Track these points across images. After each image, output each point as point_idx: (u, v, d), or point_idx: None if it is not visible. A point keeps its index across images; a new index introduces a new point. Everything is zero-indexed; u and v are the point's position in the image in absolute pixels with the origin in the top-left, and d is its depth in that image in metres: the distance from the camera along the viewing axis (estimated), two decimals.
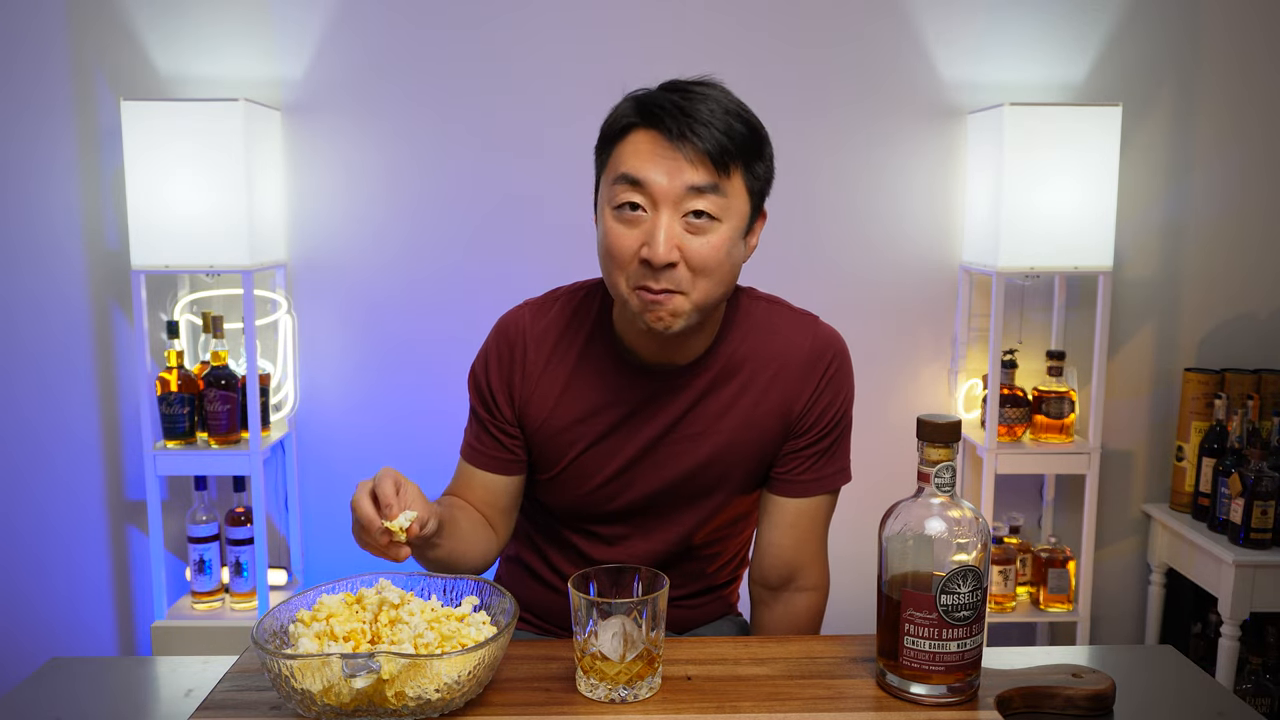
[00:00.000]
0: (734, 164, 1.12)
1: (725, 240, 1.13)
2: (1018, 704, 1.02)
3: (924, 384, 2.47)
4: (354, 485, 1.06)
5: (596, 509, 1.29)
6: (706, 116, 1.10)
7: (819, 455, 1.27)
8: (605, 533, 1.31)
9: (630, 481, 1.26)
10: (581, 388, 1.25)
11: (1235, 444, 2.24)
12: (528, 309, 1.30)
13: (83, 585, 2.43)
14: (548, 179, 2.35)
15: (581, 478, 1.27)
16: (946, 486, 0.99)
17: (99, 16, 2.26)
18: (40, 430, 2.38)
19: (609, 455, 1.25)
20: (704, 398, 1.24)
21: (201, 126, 2.07)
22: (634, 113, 1.13)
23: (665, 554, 1.31)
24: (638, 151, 1.11)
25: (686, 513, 1.29)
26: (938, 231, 2.42)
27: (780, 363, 1.25)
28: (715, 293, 1.15)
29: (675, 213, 1.10)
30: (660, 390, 1.24)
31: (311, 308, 2.38)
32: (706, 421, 1.24)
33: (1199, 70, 2.39)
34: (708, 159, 1.10)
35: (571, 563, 1.32)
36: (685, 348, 1.23)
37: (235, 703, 0.99)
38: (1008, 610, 2.36)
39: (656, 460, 1.25)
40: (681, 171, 1.10)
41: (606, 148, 1.16)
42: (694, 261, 1.11)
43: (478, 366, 1.30)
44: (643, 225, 1.11)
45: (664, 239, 1.09)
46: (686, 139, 1.09)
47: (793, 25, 2.34)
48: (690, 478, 1.26)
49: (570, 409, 1.25)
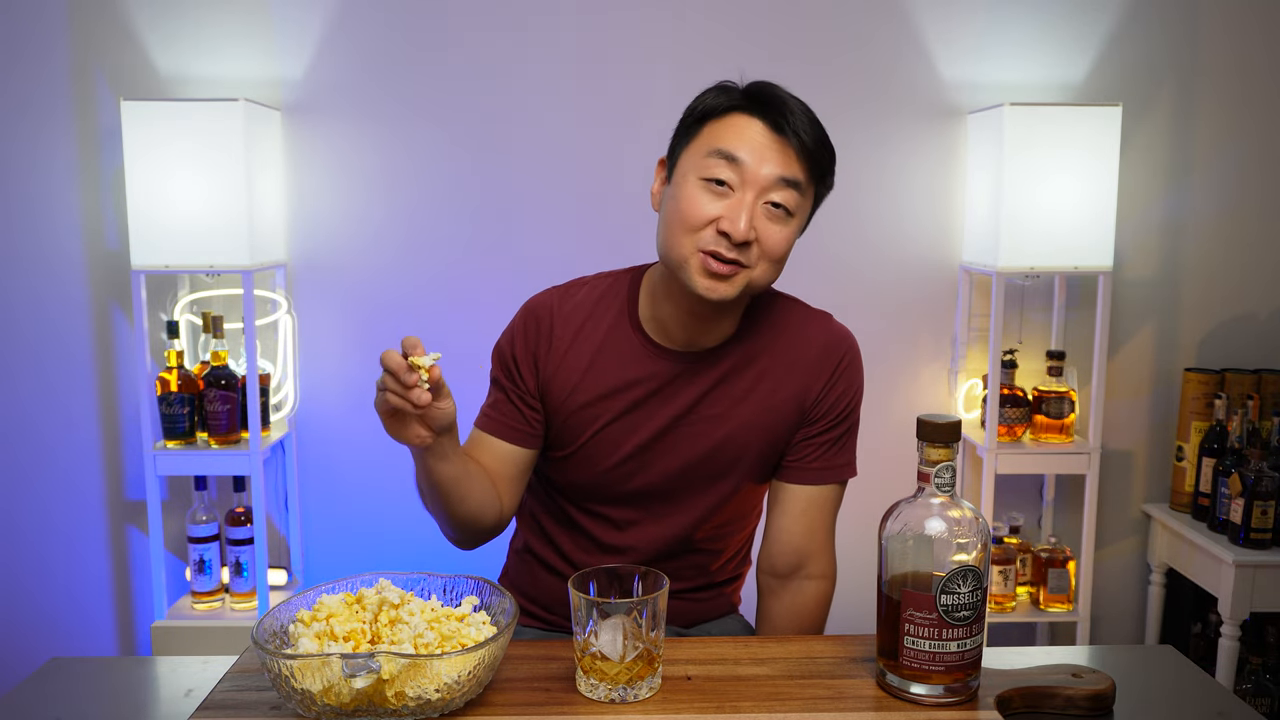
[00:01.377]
0: (818, 170, 1.21)
1: (793, 234, 1.22)
2: (1018, 704, 1.02)
3: (924, 384, 2.47)
4: (354, 485, 1.07)
5: (611, 489, 1.31)
6: (807, 120, 1.19)
7: (830, 444, 1.31)
8: (617, 516, 1.33)
9: (647, 461, 1.29)
10: (606, 365, 1.29)
11: (1235, 444, 2.24)
12: (555, 291, 1.34)
13: (83, 585, 2.43)
14: (548, 178, 2.35)
15: (600, 455, 1.30)
16: (946, 486, 1.00)
17: (99, 17, 2.26)
18: (40, 430, 2.38)
19: (628, 433, 1.28)
20: (723, 382, 1.29)
21: (201, 126, 2.07)
22: (740, 98, 1.20)
23: (672, 543, 1.33)
24: (740, 133, 1.18)
25: (698, 498, 1.32)
26: (938, 231, 2.42)
27: (797, 353, 1.30)
28: (769, 278, 1.22)
29: (760, 197, 1.18)
30: (682, 372, 1.28)
31: (311, 308, 2.38)
32: (724, 405, 1.28)
33: (1199, 70, 2.39)
34: (805, 158, 1.19)
35: (581, 549, 1.35)
36: (710, 332, 1.28)
37: (235, 703, 0.99)
38: (1008, 610, 2.36)
39: (673, 441, 1.29)
40: (779, 162, 1.18)
41: (700, 124, 1.22)
42: (766, 246, 1.19)
43: (503, 340, 1.34)
44: (726, 200, 1.18)
45: (747, 217, 1.16)
46: (793, 134, 1.17)
47: (793, 25, 2.34)
48: (705, 461, 1.29)
49: (593, 385, 1.28)
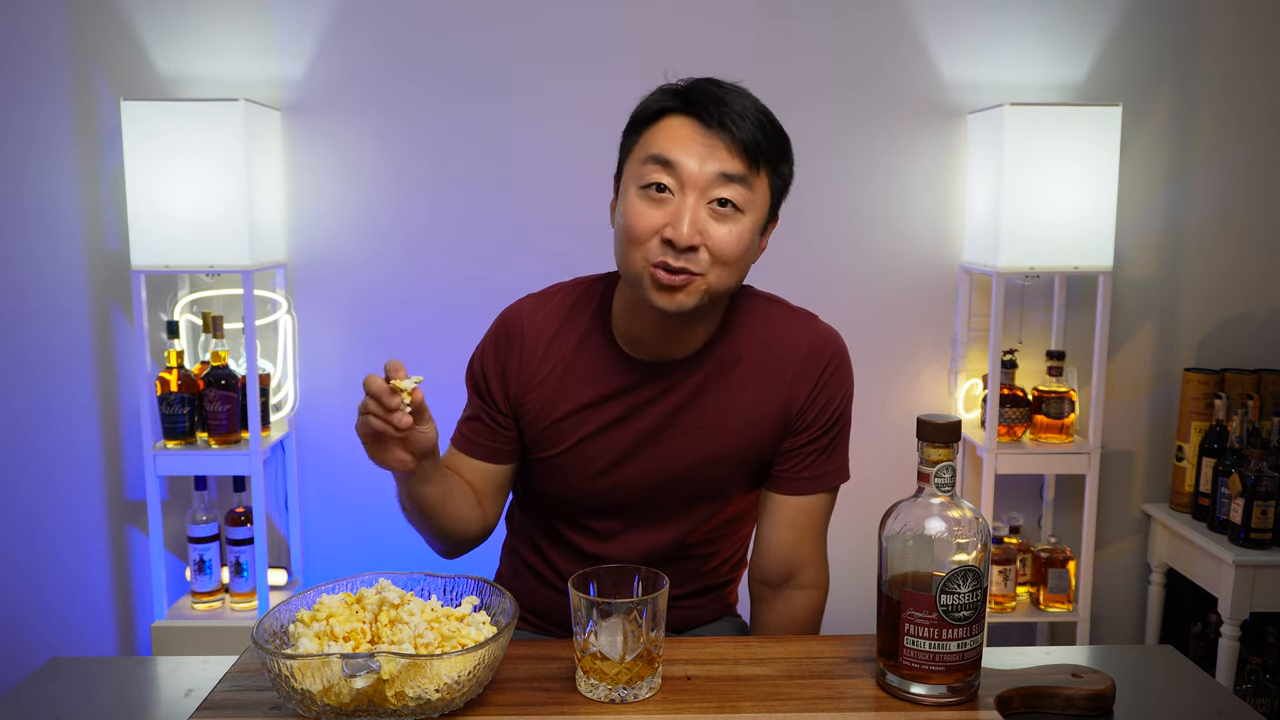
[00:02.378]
0: (763, 160, 1.16)
1: (746, 232, 1.15)
2: (1018, 704, 1.02)
3: (924, 384, 2.47)
4: (354, 485, 1.07)
5: (592, 501, 1.29)
6: (741, 110, 1.14)
7: (819, 453, 1.28)
8: (601, 528, 1.31)
9: (627, 475, 1.26)
10: (579, 378, 1.26)
11: (1235, 444, 2.24)
12: (528, 301, 1.32)
13: (83, 585, 2.43)
14: (547, 178, 2.35)
15: (577, 467, 1.27)
16: (946, 486, 0.99)
17: (99, 16, 2.26)
18: (41, 430, 2.38)
19: (604, 447, 1.26)
20: (701, 393, 1.25)
21: (201, 126, 2.07)
22: (671, 98, 1.16)
23: (661, 552, 1.31)
24: (672, 135, 1.14)
25: (683, 510, 1.29)
26: (938, 231, 2.42)
27: (778, 360, 1.26)
28: (728, 281, 1.17)
29: (702, 198, 1.13)
30: (657, 384, 1.24)
31: (311, 308, 2.38)
32: (704, 417, 1.25)
33: (1199, 70, 2.39)
34: (741, 150, 1.13)
35: (570, 561, 1.32)
36: (683, 341, 1.24)
37: (235, 703, 0.99)
38: (1008, 610, 2.36)
39: (653, 454, 1.25)
40: (714, 158, 1.13)
41: (637, 131, 1.19)
42: (714, 248, 1.14)
43: (475, 358, 1.33)
44: (667, 206, 1.13)
45: (689, 221, 1.12)
46: (724, 127, 1.13)
47: (792, 25, 2.34)
48: (686, 474, 1.26)
49: (567, 398, 1.26)
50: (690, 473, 1.26)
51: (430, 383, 2.46)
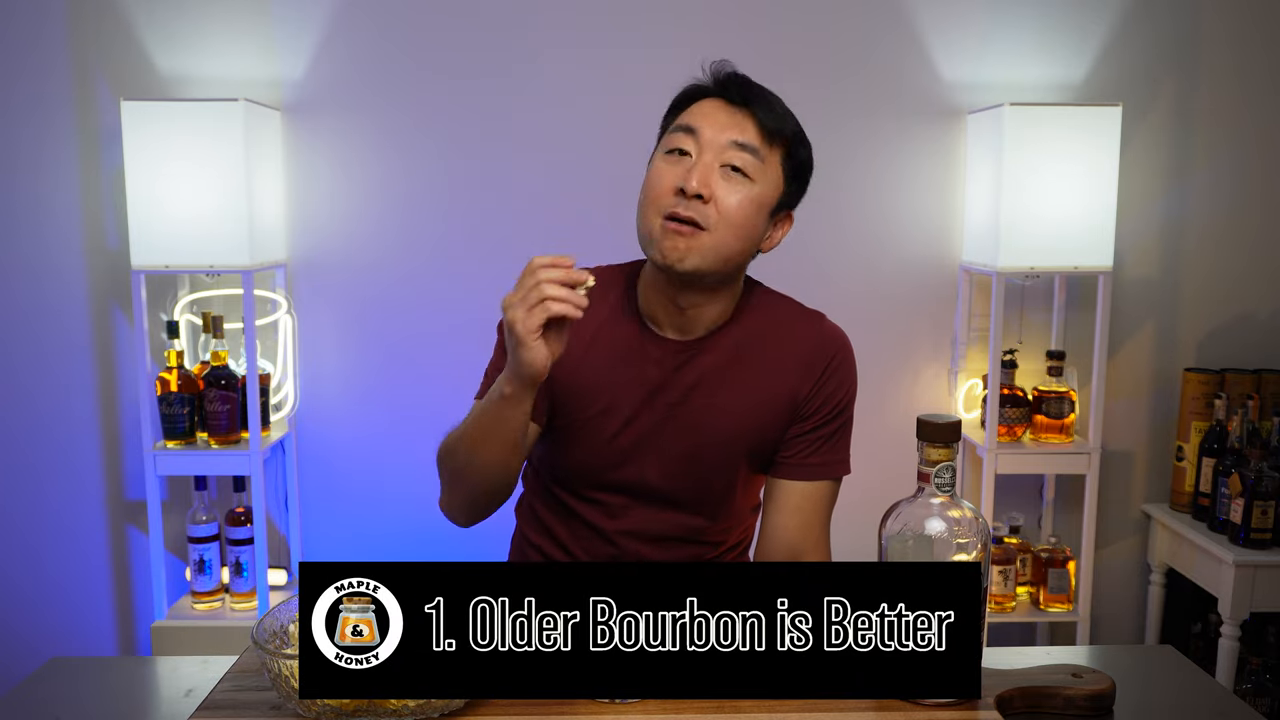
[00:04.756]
0: (777, 141, 1.25)
1: (752, 200, 1.23)
2: (1018, 704, 1.02)
3: (924, 384, 2.47)
4: (354, 485, 1.07)
5: (606, 475, 1.32)
6: (765, 96, 1.26)
7: (823, 440, 1.32)
8: (613, 501, 1.33)
9: (641, 448, 1.30)
10: (603, 348, 1.30)
11: (1235, 444, 2.24)
12: None
13: (83, 585, 2.43)
14: (547, 178, 2.35)
15: (595, 438, 1.30)
16: (946, 486, 1.00)
17: (99, 17, 2.26)
18: (40, 430, 2.38)
19: (622, 419, 1.29)
20: (714, 371, 1.30)
21: (201, 126, 2.07)
22: (706, 82, 1.28)
23: (666, 533, 1.34)
24: (701, 110, 1.26)
25: (692, 486, 1.32)
26: (938, 231, 2.42)
27: (787, 350, 1.32)
28: (732, 246, 1.23)
29: (716, 159, 1.22)
30: (675, 360, 1.29)
31: (311, 308, 2.38)
32: (716, 395, 1.30)
33: (1199, 70, 2.39)
34: (758, 126, 1.23)
35: (578, 536, 1.35)
36: (695, 319, 1.29)
37: (235, 703, 0.99)
38: (1008, 610, 2.36)
39: (667, 429, 1.30)
40: (734, 128, 1.23)
41: (673, 114, 1.29)
42: (723, 206, 1.21)
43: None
44: (684, 165, 1.22)
45: (700, 171, 1.20)
46: (748, 106, 1.24)
47: (792, 25, 2.34)
48: (698, 449, 1.30)
49: (590, 369, 1.30)
50: (701, 449, 1.30)
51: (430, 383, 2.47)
